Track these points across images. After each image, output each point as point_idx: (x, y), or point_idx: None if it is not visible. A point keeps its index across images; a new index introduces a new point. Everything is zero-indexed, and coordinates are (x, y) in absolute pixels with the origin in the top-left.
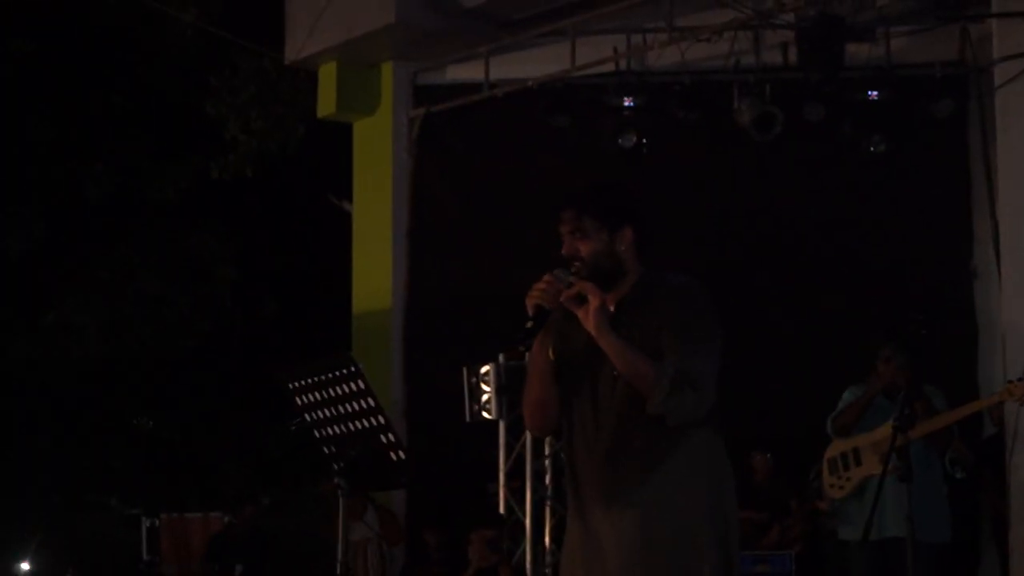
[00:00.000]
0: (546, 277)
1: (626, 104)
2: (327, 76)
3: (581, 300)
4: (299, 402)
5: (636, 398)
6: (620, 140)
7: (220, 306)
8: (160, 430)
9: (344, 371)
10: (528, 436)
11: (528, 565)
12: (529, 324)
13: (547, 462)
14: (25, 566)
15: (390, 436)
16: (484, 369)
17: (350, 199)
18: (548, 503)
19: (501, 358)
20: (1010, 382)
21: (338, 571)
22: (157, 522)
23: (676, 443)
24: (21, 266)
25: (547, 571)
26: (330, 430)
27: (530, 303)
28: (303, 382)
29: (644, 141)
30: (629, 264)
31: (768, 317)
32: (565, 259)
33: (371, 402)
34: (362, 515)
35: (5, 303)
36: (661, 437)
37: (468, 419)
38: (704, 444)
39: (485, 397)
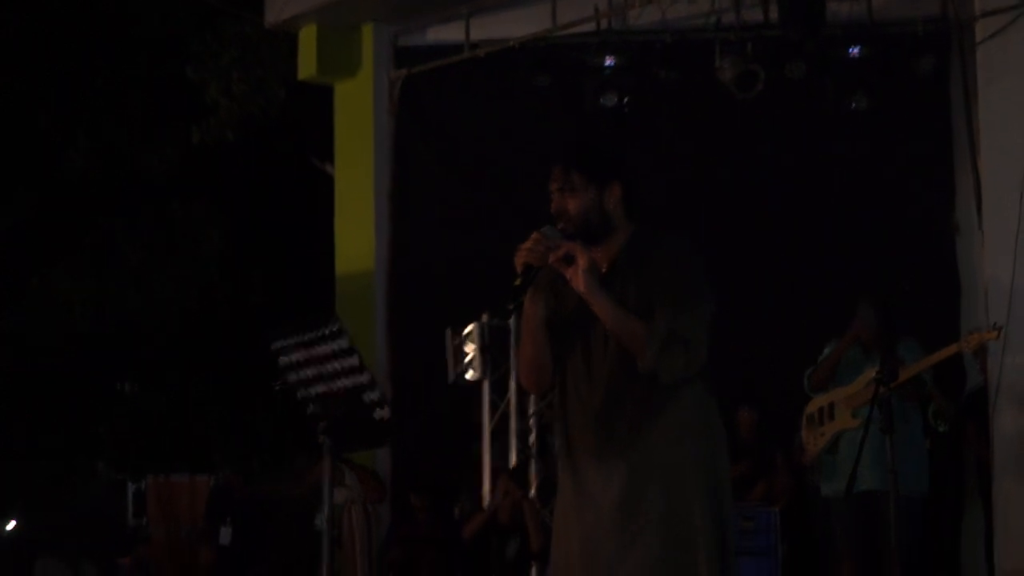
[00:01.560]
0: (534, 235)
1: (607, 63)
2: (307, 38)
3: (570, 260)
4: (283, 362)
5: (628, 356)
6: (602, 99)
7: (206, 272)
8: (146, 396)
9: (327, 331)
10: (512, 396)
11: None
12: (517, 282)
13: (531, 421)
14: (11, 525)
15: (374, 395)
16: (467, 329)
17: (332, 161)
18: (533, 462)
19: (484, 318)
20: (968, 332)
21: (324, 528)
22: (144, 485)
23: (668, 401)
24: (6, 240)
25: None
26: (314, 389)
27: (518, 261)
28: (287, 342)
29: (626, 100)
30: (618, 221)
31: (751, 274)
32: (553, 216)
33: (354, 361)
34: (341, 480)
35: None
36: (653, 395)
37: (452, 379)
38: (696, 402)
39: (468, 357)
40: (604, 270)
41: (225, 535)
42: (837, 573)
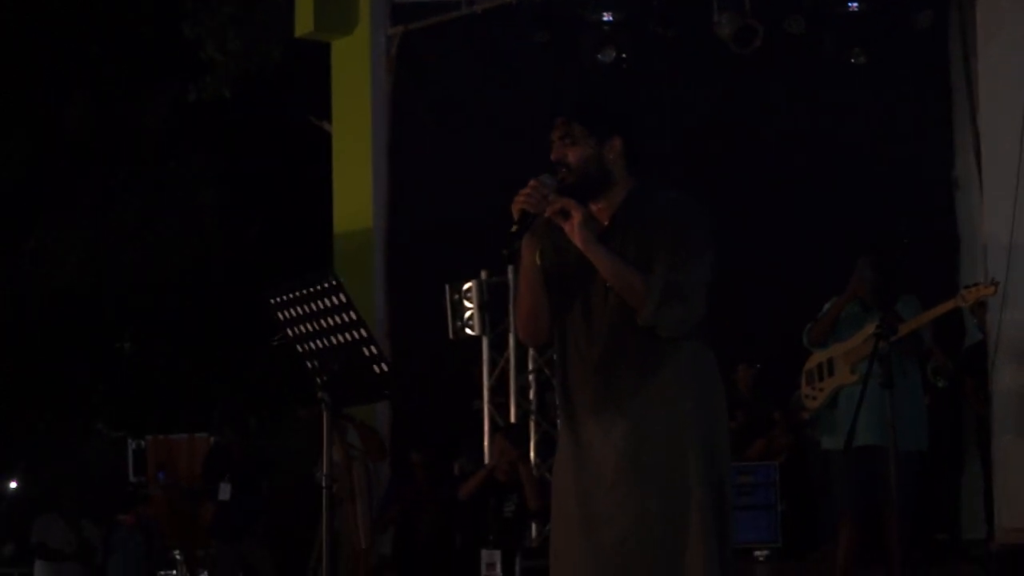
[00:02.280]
0: (531, 182)
1: (605, 19)
2: None
3: (567, 215)
4: (281, 317)
5: (628, 309)
6: (599, 55)
7: (203, 228)
8: (144, 354)
9: (325, 285)
10: (512, 352)
11: None
12: (514, 228)
13: (531, 377)
14: (13, 484)
15: (372, 349)
16: (466, 286)
17: (329, 119)
18: (532, 418)
19: (483, 274)
20: (965, 287)
21: (323, 484)
22: (143, 444)
23: (667, 354)
24: (2, 195)
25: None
26: (313, 344)
27: (515, 208)
28: (284, 297)
29: (623, 56)
30: (618, 175)
31: (751, 230)
32: (553, 164)
33: (352, 316)
34: (343, 436)
35: None
36: (652, 348)
37: (451, 336)
38: (694, 356)
39: (468, 314)
40: (605, 224)
41: (224, 491)
42: (836, 527)
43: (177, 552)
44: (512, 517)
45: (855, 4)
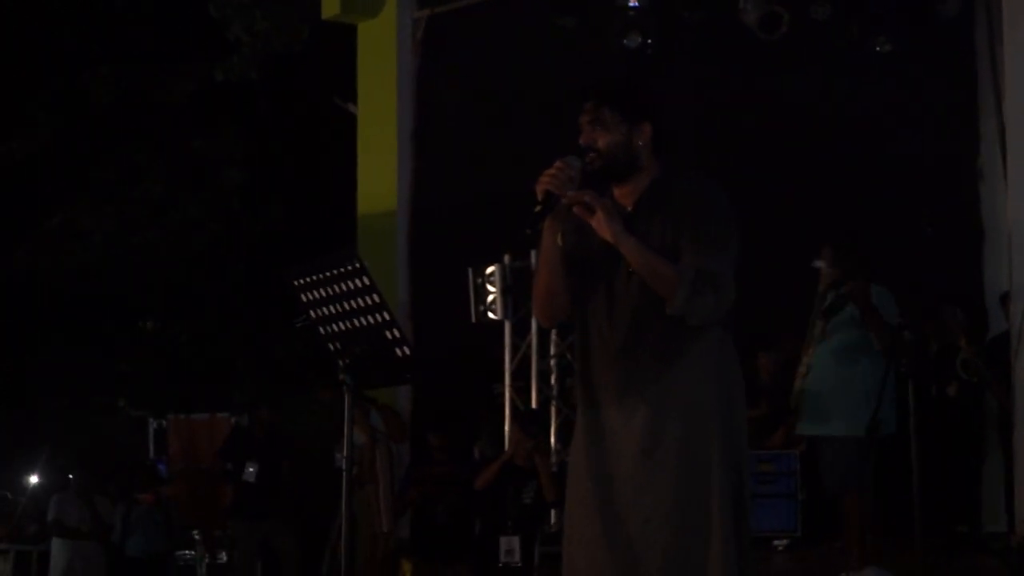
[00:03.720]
0: (558, 163)
1: (632, 4)
2: None
3: (591, 209)
4: (304, 299)
5: (651, 295)
6: (625, 40)
7: (227, 209)
8: (167, 333)
9: (348, 267)
10: (534, 337)
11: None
12: (537, 208)
13: (552, 362)
14: (34, 479)
15: (395, 332)
16: (489, 270)
17: (355, 101)
18: (554, 403)
19: (506, 258)
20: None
21: (344, 467)
22: (164, 423)
23: (689, 342)
24: (27, 169)
25: (553, 470)
26: (335, 327)
27: (540, 188)
28: (308, 279)
29: (649, 41)
30: (645, 161)
31: (774, 218)
32: (582, 148)
33: (376, 298)
34: (367, 418)
35: (10, 207)
36: (674, 335)
37: (473, 320)
38: (716, 344)
39: (490, 298)
40: (629, 209)
41: (250, 472)
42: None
43: (196, 532)
44: (531, 503)
45: None
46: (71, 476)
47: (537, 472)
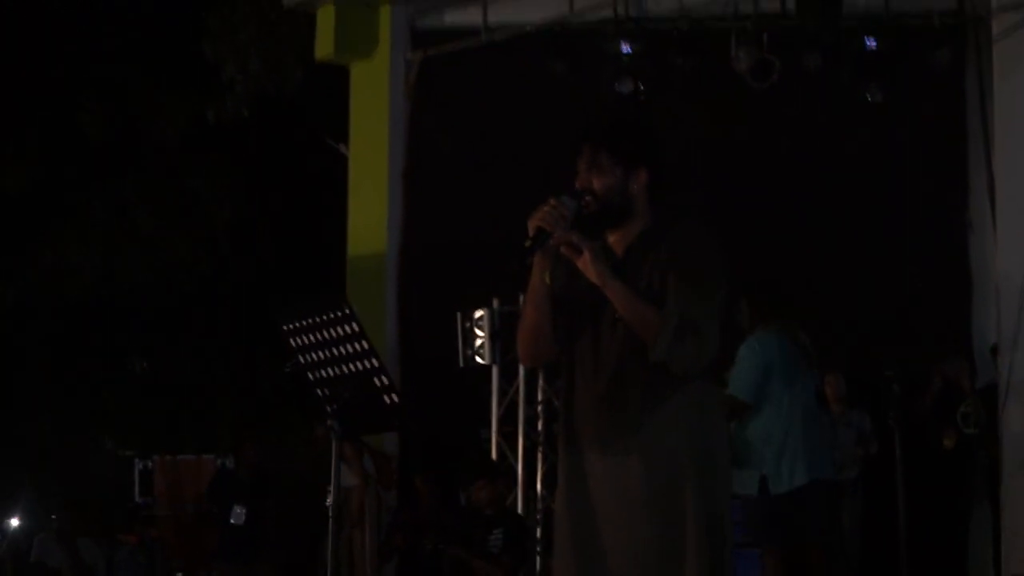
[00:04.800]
0: (552, 201)
1: (624, 50)
2: (325, 17)
3: (578, 250)
4: (293, 344)
5: (636, 342)
6: (617, 86)
7: (217, 247)
8: (155, 371)
9: (338, 313)
10: (521, 382)
11: (519, 510)
12: (527, 243)
13: (540, 408)
14: (14, 522)
15: (383, 379)
16: (478, 314)
17: (347, 142)
18: (540, 449)
19: (495, 303)
20: None
21: (330, 513)
22: (151, 464)
23: (673, 391)
24: (18, 204)
25: (538, 516)
26: (323, 372)
27: (532, 224)
28: (297, 324)
29: (641, 87)
30: (640, 206)
31: (762, 264)
32: (578, 192)
33: (364, 345)
34: (360, 461)
35: (1, 241)
36: (658, 384)
37: (461, 364)
38: (700, 393)
39: (479, 342)
40: (620, 254)
41: (238, 515)
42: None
43: (180, 574)
44: (503, 547)
45: (873, 42)
46: (54, 516)
47: (501, 517)
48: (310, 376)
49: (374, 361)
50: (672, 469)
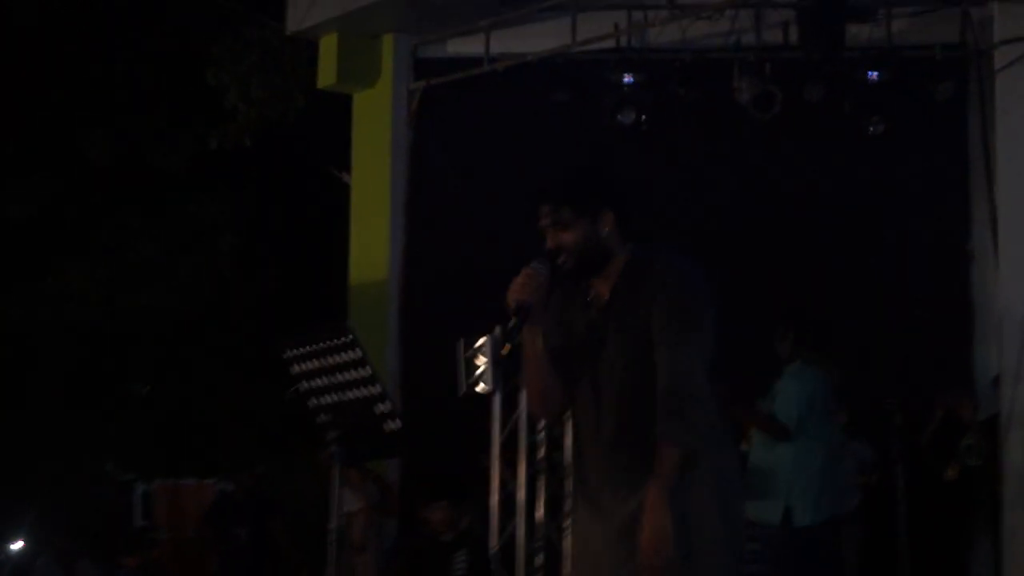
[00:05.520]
0: (525, 271)
1: (626, 81)
2: (328, 47)
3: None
4: (295, 370)
5: (636, 383)
6: (619, 116)
7: (219, 274)
8: (157, 396)
9: (340, 340)
10: (523, 410)
11: (520, 539)
12: (512, 322)
13: (541, 436)
14: (17, 546)
15: (385, 406)
16: (480, 341)
17: (349, 170)
18: (542, 477)
19: (497, 330)
20: None
21: (331, 539)
22: (152, 488)
23: None
24: (23, 231)
25: (539, 545)
26: (326, 399)
27: (511, 299)
28: (300, 350)
29: (643, 118)
30: (615, 246)
31: (763, 295)
32: (550, 253)
33: (367, 371)
34: (364, 486)
35: (5, 267)
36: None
37: (463, 391)
38: (709, 431)
39: (480, 369)
40: (606, 298)
41: (239, 537)
42: None
43: None
44: (466, 573)
45: (875, 74)
46: (55, 539)
47: (461, 540)
48: (313, 402)
49: (377, 388)
50: (688, 509)
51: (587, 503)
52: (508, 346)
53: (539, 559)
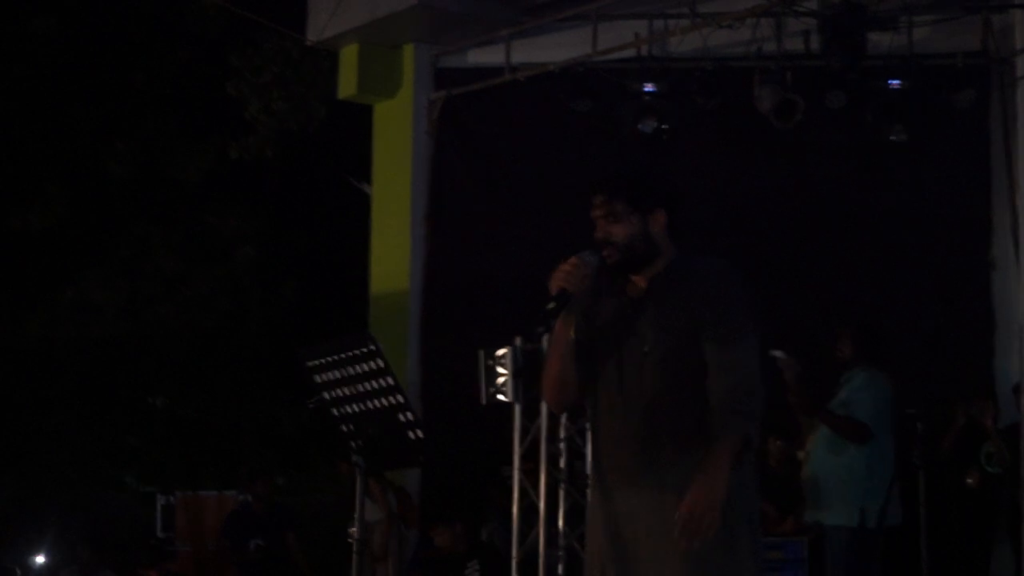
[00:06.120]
0: (572, 259)
1: (647, 89)
2: (349, 57)
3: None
4: (318, 380)
5: (667, 379)
6: (640, 125)
7: (239, 285)
8: (177, 408)
9: (363, 350)
10: (543, 420)
11: (541, 548)
12: (551, 305)
13: (562, 445)
14: (40, 559)
15: (408, 415)
16: (500, 352)
17: (370, 181)
18: (562, 486)
19: (518, 341)
20: None
21: (354, 549)
22: (172, 500)
23: (704, 431)
24: (42, 243)
25: (560, 554)
26: (348, 408)
27: (554, 285)
28: (322, 360)
29: (664, 127)
30: (663, 246)
31: (786, 304)
32: (599, 243)
33: (390, 381)
34: (384, 496)
35: (25, 279)
36: (693, 420)
37: (483, 401)
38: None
39: (501, 380)
40: (644, 285)
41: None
42: None
43: None
44: None
45: (896, 82)
46: (76, 552)
47: (477, 551)
48: (335, 412)
49: (399, 397)
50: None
51: (603, 502)
52: (542, 328)
53: (560, 568)
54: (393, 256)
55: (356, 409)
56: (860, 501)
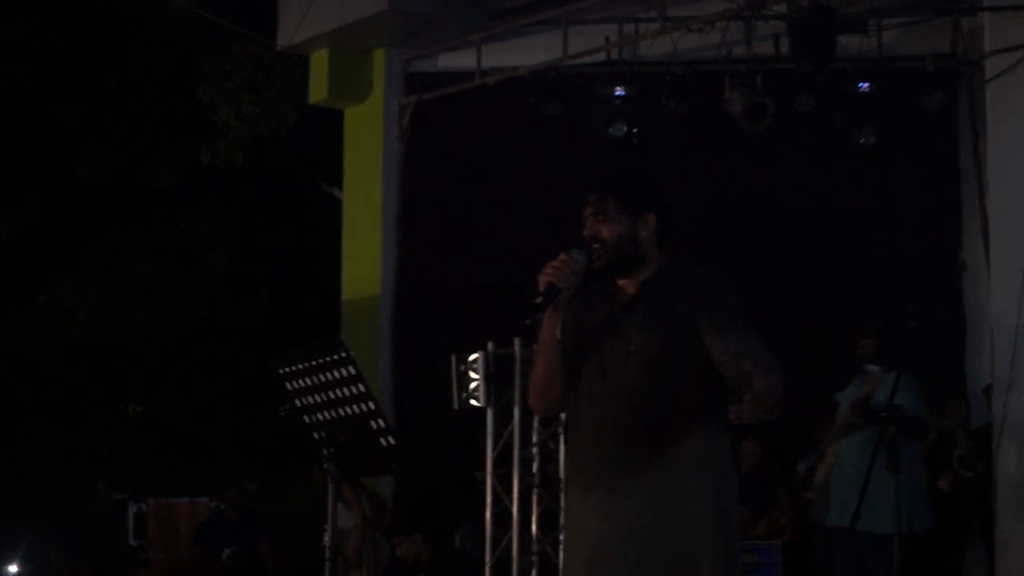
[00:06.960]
0: (561, 256)
1: (617, 93)
2: (319, 62)
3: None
4: (289, 387)
5: (651, 379)
6: (611, 129)
7: (211, 291)
8: (149, 414)
9: (334, 356)
10: (516, 424)
11: (514, 553)
12: (538, 300)
13: (535, 450)
14: (13, 569)
15: (380, 422)
16: (472, 357)
17: (341, 186)
18: (535, 491)
19: (490, 346)
20: None
21: (326, 556)
22: (145, 507)
23: (688, 427)
24: (13, 248)
25: (533, 559)
26: (320, 415)
27: (542, 280)
28: (293, 367)
29: (635, 130)
30: (650, 252)
31: (756, 307)
32: (586, 240)
33: (361, 388)
34: (358, 502)
35: None
36: (673, 420)
37: (456, 407)
38: (711, 435)
39: (473, 385)
40: (633, 292)
41: (228, 556)
42: None
43: None
44: None
45: (866, 85)
46: (49, 560)
47: (434, 567)
48: (306, 419)
49: (371, 404)
50: (687, 508)
51: (580, 501)
52: (528, 322)
53: (534, 573)
54: (364, 261)
55: (328, 416)
56: (907, 505)
